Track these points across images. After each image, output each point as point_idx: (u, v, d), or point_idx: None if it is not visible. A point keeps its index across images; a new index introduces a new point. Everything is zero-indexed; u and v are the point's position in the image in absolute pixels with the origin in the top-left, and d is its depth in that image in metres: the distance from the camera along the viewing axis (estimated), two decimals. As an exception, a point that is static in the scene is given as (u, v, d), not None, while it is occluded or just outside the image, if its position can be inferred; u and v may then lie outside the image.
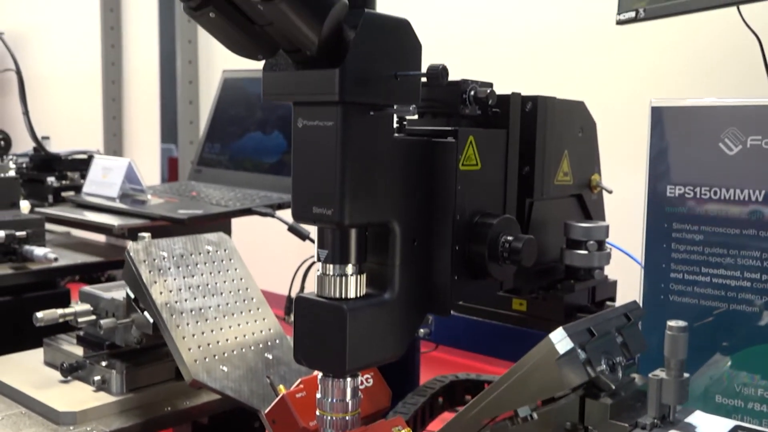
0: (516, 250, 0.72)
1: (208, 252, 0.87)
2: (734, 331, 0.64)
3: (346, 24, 0.60)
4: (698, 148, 0.66)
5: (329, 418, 0.69)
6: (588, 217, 0.98)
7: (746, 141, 0.64)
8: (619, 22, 0.99)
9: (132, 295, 0.82)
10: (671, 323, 0.51)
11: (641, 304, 0.71)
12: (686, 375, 0.51)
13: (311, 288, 0.70)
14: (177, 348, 0.76)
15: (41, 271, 1.17)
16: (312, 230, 1.40)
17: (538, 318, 0.89)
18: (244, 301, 0.86)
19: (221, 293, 0.84)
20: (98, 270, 1.32)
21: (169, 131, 2.56)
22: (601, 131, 0.97)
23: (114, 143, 2.81)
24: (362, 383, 0.80)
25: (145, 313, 0.81)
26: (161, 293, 0.79)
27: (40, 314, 0.84)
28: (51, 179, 1.51)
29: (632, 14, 0.96)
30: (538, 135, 0.84)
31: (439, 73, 0.63)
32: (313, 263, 1.31)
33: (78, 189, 1.52)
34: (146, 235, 0.85)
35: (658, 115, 0.68)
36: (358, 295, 0.67)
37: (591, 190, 0.98)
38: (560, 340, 0.50)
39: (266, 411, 0.74)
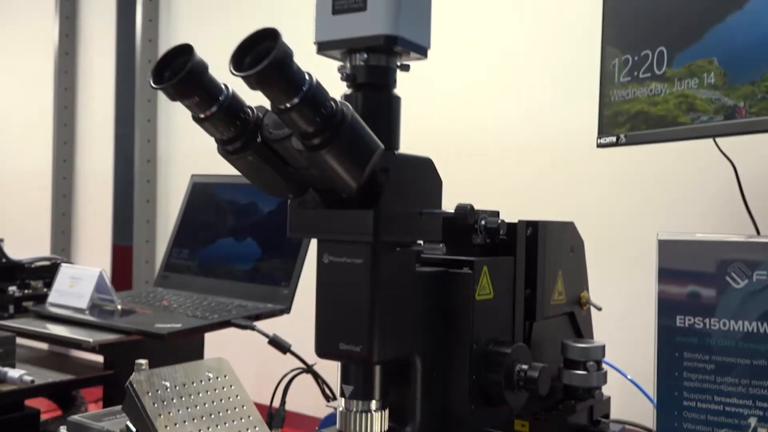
0: (532, 379, 0.73)
1: (209, 379, 0.85)
2: None
3: (377, 166, 0.62)
4: (705, 281, 0.70)
5: None
6: (578, 334, 1.00)
7: (752, 275, 0.67)
8: (600, 146, 1.04)
9: (134, 429, 0.79)
10: None
11: (656, 428, 0.72)
12: None
13: (297, 401, 0.69)
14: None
15: (9, 393, 1.11)
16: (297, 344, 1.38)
17: (540, 438, 0.89)
18: (247, 430, 0.84)
19: (225, 423, 0.82)
20: (71, 388, 1.26)
21: (121, 230, 2.52)
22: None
23: (62, 240, 2.73)
24: None
25: (148, 450, 0.77)
26: (166, 427, 0.77)
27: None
28: (13, 288, 1.46)
29: (613, 139, 1.01)
30: (539, 258, 0.86)
31: (467, 213, 0.65)
32: (297, 375, 1.29)
33: (41, 298, 1.47)
34: (144, 362, 0.83)
35: (665, 247, 0.72)
36: (384, 431, 0.67)
37: (581, 307, 1.00)
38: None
39: None
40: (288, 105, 0.53)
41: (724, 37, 0.87)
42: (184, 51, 0.54)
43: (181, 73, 0.54)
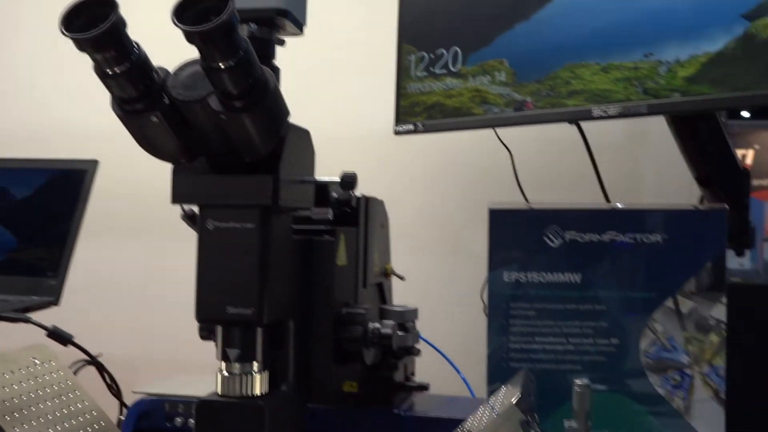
0: (387, 336, 0.81)
1: (36, 365, 0.79)
2: (563, 389, 0.78)
3: (282, 133, 0.65)
4: (528, 241, 0.83)
5: None
6: (384, 302, 1.09)
7: (564, 235, 0.82)
8: (397, 133, 1.15)
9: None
10: (578, 381, 0.64)
11: (487, 370, 0.83)
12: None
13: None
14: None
15: None
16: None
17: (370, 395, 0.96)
18: (85, 414, 0.80)
19: (62, 408, 0.77)
20: None
21: None
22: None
23: None
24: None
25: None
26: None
27: None
28: None
29: (411, 126, 1.12)
30: (369, 230, 0.94)
31: (354, 180, 0.70)
32: (81, 367, 1.21)
33: None
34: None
35: (495, 216, 0.84)
36: (265, 392, 0.69)
37: (386, 278, 1.10)
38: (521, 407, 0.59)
39: None
40: (222, 65, 0.54)
41: (513, 41, 1.02)
42: (106, 3, 0.52)
43: (104, 26, 0.52)
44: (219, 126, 0.59)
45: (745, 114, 1.64)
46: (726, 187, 1.00)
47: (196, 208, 0.68)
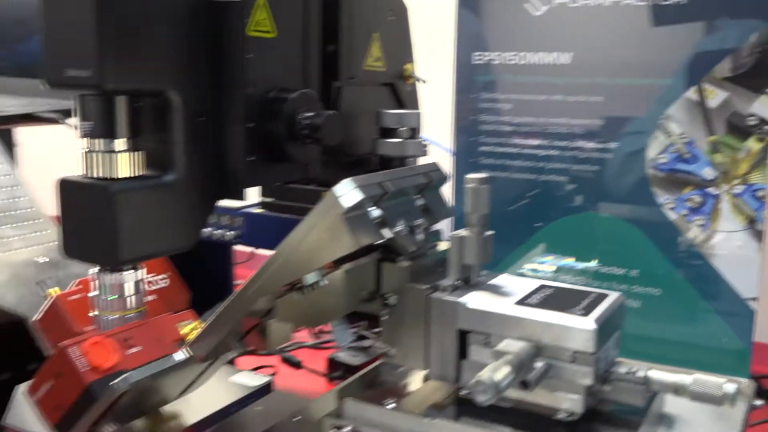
0: (316, 126, 0.65)
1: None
2: (547, 206, 0.60)
3: None
4: (504, 11, 0.62)
5: (106, 318, 0.60)
6: (402, 108, 0.93)
7: (552, 0, 0.60)
8: None
9: None
10: (470, 176, 0.46)
11: (453, 186, 0.66)
12: (490, 232, 0.47)
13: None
14: None
15: None
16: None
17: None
18: (11, 199, 0.74)
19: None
20: None
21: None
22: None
23: None
24: (156, 283, 0.72)
25: None
26: None
27: None
28: None
29: None
30: (343, 11, 0.77)
31: None
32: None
33: None
34: None
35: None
36: (133, 175, 0.58)
37: (405, 81, 0.93)
38: (346, 192, 0.43)
39: (37, 318, 0.64)
40: None
41: None
42: None
43: None
44: None
45: None
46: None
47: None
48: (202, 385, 0.62)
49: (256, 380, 0.67)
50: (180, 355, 0.56)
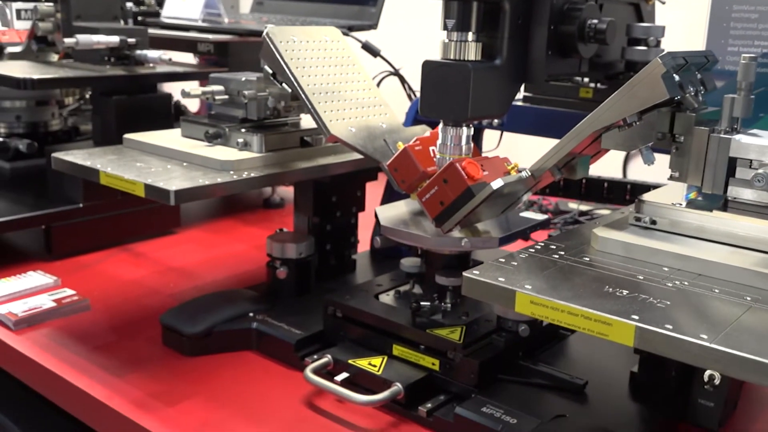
0: (601, 30, 0.88)
1: (326, 41, 1.02)
2: None
3: None
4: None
5: (447, 159, 0.86)
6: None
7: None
8: None
9: (270, 71, 0.97)
10: (745, 55, 0.67)
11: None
12: (752, 96, 0.68)
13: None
14: (317, 110, 0.92)
15: (146, 75, 1.31)
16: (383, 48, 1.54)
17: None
18: (364, 90, 1.02)
19: (344, 80, 1.00)
20: (199, 78, 1.45)
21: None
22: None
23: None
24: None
25: (284, 84, 0.97)
26: (297, 68, 0.95)
27: (187, 89, 1.00)
28: (129, 4, 1.63)
29: None
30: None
31: None
32: (385, 77, 1.46)
33: (155, 15, 1.64)
34: (269, 25, 1.00)
35: None
36: (477, 59, 0.84)
37: (647, 1, 1.12)
38: (666, 59, 0.66)
39: (389, 162, 0.92)
40: None
41: None
42: None
43: None
44: None
45: None
46: None
47: None
48: (512, 210, 0.88)
49: (539, 217, 0.92)
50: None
